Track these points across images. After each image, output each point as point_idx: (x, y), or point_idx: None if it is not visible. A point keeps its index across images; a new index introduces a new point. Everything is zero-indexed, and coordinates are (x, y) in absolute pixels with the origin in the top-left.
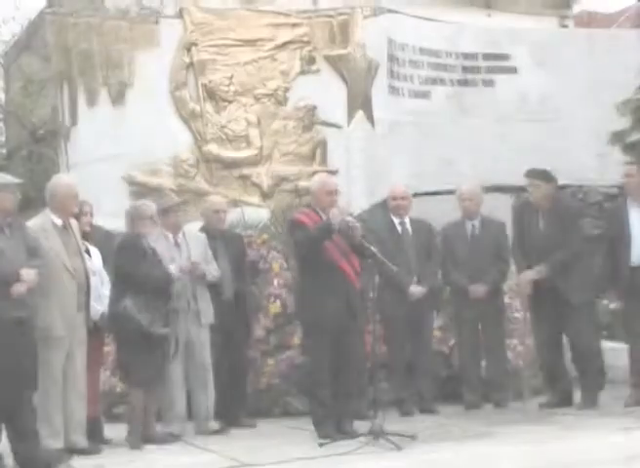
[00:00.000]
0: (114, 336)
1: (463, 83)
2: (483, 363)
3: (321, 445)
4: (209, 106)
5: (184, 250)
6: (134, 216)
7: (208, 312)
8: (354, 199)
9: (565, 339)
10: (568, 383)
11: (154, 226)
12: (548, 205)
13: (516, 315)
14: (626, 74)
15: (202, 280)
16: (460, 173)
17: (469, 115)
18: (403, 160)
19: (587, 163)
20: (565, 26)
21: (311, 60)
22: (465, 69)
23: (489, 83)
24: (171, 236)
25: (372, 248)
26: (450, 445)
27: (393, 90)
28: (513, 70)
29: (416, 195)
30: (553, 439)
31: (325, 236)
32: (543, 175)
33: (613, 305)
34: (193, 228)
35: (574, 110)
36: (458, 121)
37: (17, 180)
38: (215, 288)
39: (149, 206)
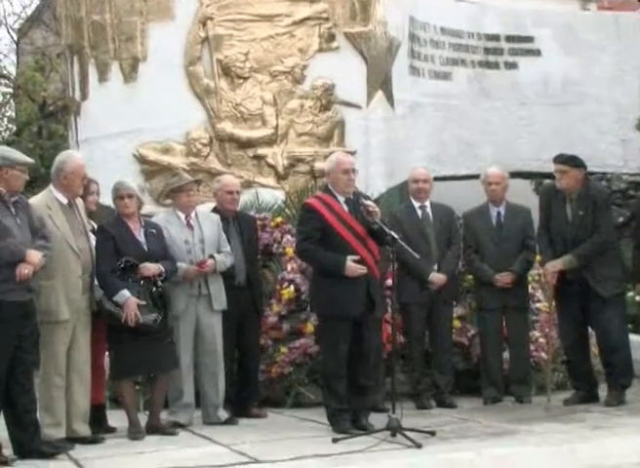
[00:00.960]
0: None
1: (485, 65)
2: (505, 355)
3: (335, 440)
4: (223, 83)
5: (197, 231)
6: (112, 197)
7: (220, 297)
8: (372, 181)
9: (591, 333)
10: (593, 379)
11: (133, 207)
12: (577, 191)
13: (537, 306)
14: None
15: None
16: (481, 157)
17: (491, 98)
18: (422, 142)
19: (611, 149)
20: (587, 10)
21: (330, 38)
22: (488, 51)
23: (511, 65)
24: (183, 216)
25: (393, 233)
26: (471, 443)
27: (414, 70)
28: (537, 53)
29: (435, 179)
30: (580, 439)
31: (325, 271)
32: (572, 161)
33: (638, 297)
34: (205, 209)
35: (598, 95)
36: (479, 104)
37: (29, 160)
38: (227, 271)
39: (124, 184)
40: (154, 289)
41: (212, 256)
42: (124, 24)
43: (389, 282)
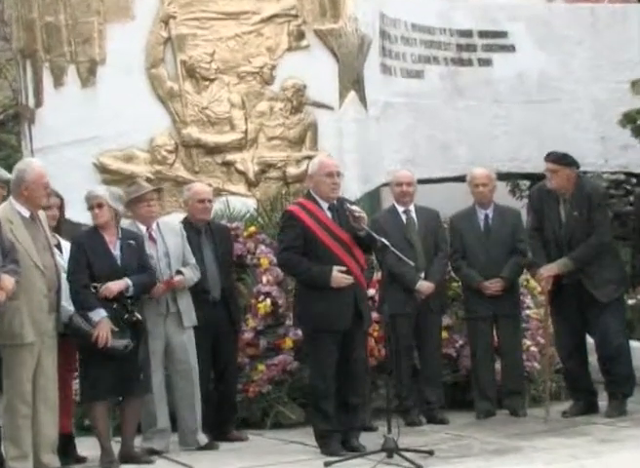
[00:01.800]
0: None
1: (459, 62)
2: (497, 364)
3: (328, 464)
4: (188, 85)
5: (160, 244)
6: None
7: (190, 313)
8: (347, 186)
9: (589, 340)
10: (592, 388)
11: (104, 217)
12: (570, 191)
13: (527, 312)
14: (630, 53)
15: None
16: (456, 158)
17: (465, 96)
18: (396, 144)
19: (590, 147)
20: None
21: (300, 36)
22: (460, 47)
23: (485, 62)
24: (144, 229)
25: (383, 240)
26: (474, 462)
27: (385, 68)
28: (511, 48)
29: None
30: (590, 455)
31: (310, 284)
32: (564, 159)
33: (632, 301)
34: (169, 219)
35: (575, 91)
36: (452, 102)
37: (7, 175)
38: (200, 285)
39: (92, 193)
40: (126, 315)
41: (179, 272)
42: (80, 25)
43: (371, 291)
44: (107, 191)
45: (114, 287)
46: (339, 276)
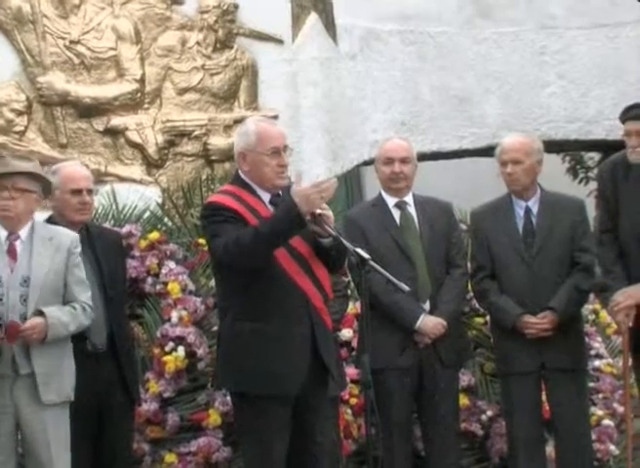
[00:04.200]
0: None
1: None
2: (548, 446)
3: None
4: (47, 5)
5: (22, 263)
6: None
7: (56, 380)
8: (306, 165)
9: None
10: None
11: None
12: None
13: (597, 364)
14: None
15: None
16: (481, 118)
17: (495, 19)
18: (384, 99)
19: None
20: None
21: None
22: None
23: None
24: (4, 236)
25: (360, 251)
26: None
27: None
28: None
29: None
30: None
31: (286, 235)
32: None
33: None
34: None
35: None
36: (476, 30)
37: None
38: None
39: None
40: None
41: (40, 313)
42: None
43: (347, 333)
44: None
45: None
46: (296, 186)
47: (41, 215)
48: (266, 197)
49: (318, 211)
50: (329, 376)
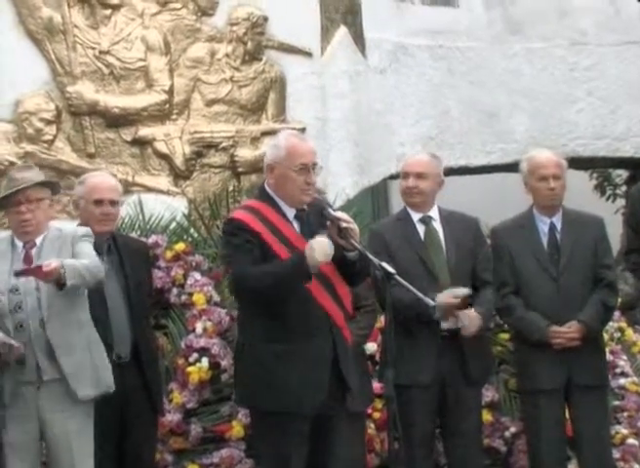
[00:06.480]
0: None
1: None
2: (571, 465)
3: None
4: (78, 16)
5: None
6: None
7: (87, 373)
8: (333, 179)
9: None
10: None
11: None
12: None
13: (622, 382)
14: None
15: None
16: (509, 134)
17: (525, 35)
18: (412, 112)
19: None
20: None
21: None
22: None
23: None
24: (21, 245)
25: (386, 266)
26: None
27: None
28: None
29: None
30: None
31: (294, 282)
32: None
33: None
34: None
35: None
36: (505, 45)
37: None
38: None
39: None
40: None
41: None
42: None
43: (371, 347)
44: None
45: None
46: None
47: (72, 224)
48: (291, 212)
49: (344, 224)
50: (348, 393)
